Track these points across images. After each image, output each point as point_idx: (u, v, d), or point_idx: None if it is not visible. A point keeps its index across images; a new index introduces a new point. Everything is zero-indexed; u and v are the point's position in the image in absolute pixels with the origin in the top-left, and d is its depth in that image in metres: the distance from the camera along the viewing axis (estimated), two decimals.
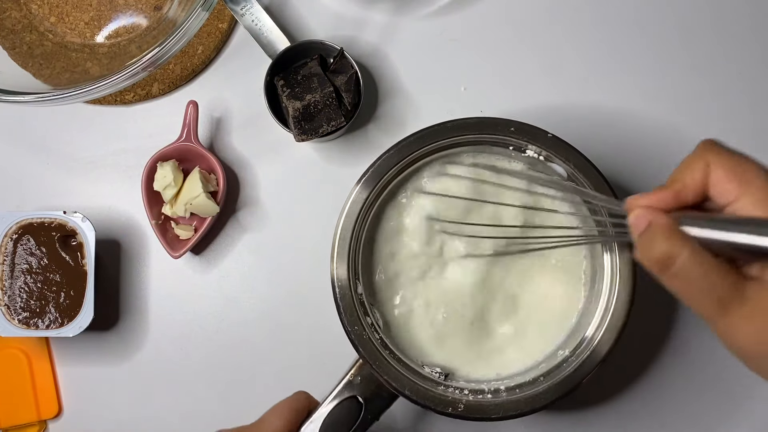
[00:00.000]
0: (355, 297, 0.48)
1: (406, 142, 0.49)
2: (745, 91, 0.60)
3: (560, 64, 0.60)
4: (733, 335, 0.34)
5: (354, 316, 0.48)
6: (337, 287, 0.48)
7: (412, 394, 0.47)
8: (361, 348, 0.48)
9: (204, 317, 0.59)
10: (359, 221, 0.49)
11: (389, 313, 0.51)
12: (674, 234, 0.35)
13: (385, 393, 0.48)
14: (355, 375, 0.48)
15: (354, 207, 0.49)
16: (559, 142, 0.48)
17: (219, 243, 0.59)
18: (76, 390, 0.58)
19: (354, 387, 0.48)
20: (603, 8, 0.61)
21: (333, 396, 0.48)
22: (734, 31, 0.60)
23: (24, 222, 0.55)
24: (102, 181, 0.60)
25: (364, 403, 0.48)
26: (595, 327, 0.47)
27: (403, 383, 0.47)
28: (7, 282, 0.55)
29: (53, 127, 0.61)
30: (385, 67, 0.60)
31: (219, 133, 0.60)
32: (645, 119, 0.59)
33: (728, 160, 0.35)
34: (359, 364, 0.48)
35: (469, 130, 0.49)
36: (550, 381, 0.47)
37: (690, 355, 0.57)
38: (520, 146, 0.49)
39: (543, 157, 0.49)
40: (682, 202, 0.36)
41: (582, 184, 0.48)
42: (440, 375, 0.49)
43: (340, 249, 0.49)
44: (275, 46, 0.57)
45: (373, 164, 0.49)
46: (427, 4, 0.61)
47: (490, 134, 0.49)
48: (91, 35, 0.61)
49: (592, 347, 0.47)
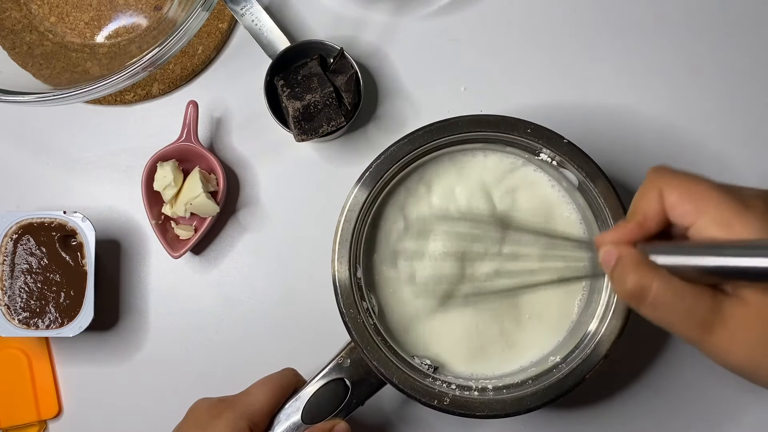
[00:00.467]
0: (353, 280, 0.48)
1: (421, 131, 0.49)
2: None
3: (560, 64, 0.60)
4: (722, 354, 0.34)
5: (350, 299, 0.48)
6: (336, 271, 0.48)
7: (400, 383, 0.47)
8: (354, 331, 0.48)
9: (204, 317, 0.59)
10: (365, 208, 0.49)
11: (385, 301, 0.51)
12: (643, 265, 0.35)
13: (373, 379, 0.48)
14: (345, 357, 0.48)
15: (359, 196, 0.49)
16: (575, 150, 0.48)
17: (219, 243, 0.59)
18: (76, 390, 0.58)
19: (342, 369, 0.48)
20: (603, 8, 0.61)
21: (321, 376, 0.48)
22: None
23: (24, 222, 0.55)
24: (102, 181, 0.60)
25: (351, 386, 0.48)
26: (592, 331, 0.48)
27: (391, 371, 0.47)
28: (7, 282, 0.55)
29: (53, 127, 0.61)
30: (385, 67, 0.60)
31: (219, 133, 0.60)
32: (645, 116, 0.59)
33: (679, 183, 0.35)
34: (350, 347, 0.48)
35: (485, 127, 0.49)
36: (539, 385, 0.47)
37: (688, 353, 0.57)
38: (535, 149, 0.49)
39: (556, 162, 0.49)
40: (647, 232, 0.36)
41: (591, 193, 0.48)
42: (429, 367, 0.49)
43: (344, 230, 0.49)
44: (275, 46, 0.57)
45: (383, 153, 0.49)
46: (427, 4, 0.61)
47: (507, 133, 0.49)
48: (91, 35, 0.61)
49: (586, 353, 0.47)
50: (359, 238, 0.49)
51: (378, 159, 0.49)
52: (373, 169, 0.49)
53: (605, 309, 0.47)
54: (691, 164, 0.59)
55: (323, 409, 0.48)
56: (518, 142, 0.49)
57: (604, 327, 0.47)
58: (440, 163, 0.51)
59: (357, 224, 0.49)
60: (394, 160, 0.49)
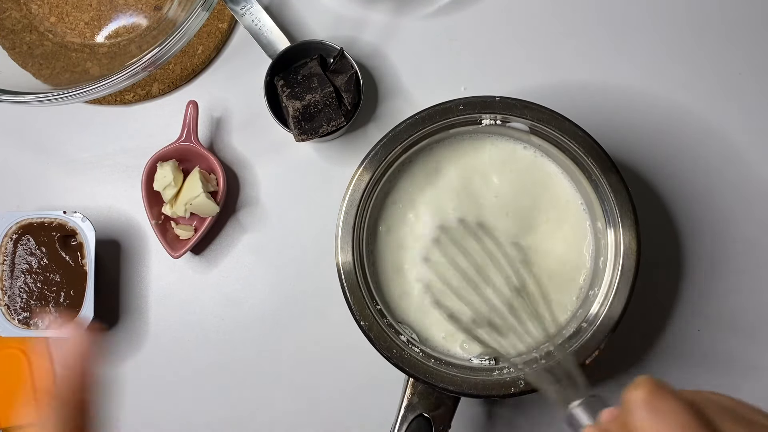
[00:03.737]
0: (381, 323, 0.48)
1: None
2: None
3: (561, 64, 0.60)
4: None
5: (388, 341, 0.48)
6: (365, 326, 0.48)
7: (472, 389, 0.47)
8: (408, 367, 0.47)
9: (204, 317, 0.59)
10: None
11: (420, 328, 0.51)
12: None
13: (447, 400, 0.48)
14: (412, 394, 0.48)
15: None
16: (511, 102, 0.49)
17: (219, 243, 0.59)
18: None
19: (415, 406, 0.48)
20: (604, 9, 0.61)
21: (399, 423, 0.48)
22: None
23: (24, 222, 0.55)
24: (102, 181, 0.60)
25: (432, 417, 0.48)
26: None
27: (459, 384, 0.47)
28: (7, 282, 0.55)
29: (53, 127, 0.61)
30: (385, 67, 0.60)
31: (219, 133, 0.60)
32: (645, 113, 0.60)
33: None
34: (411, 382, 0.48)
35: (423, 124, 0.49)
36: (592, 328, 0.47)
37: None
38: (474, 119, 0.49)
39: (499, 121, 0.49)
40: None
41: (547, 137, 0.49)
42: (490, 361, 0.49)
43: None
44: (275, 46, 0.57)
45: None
46: (427, 4, 0.61)
47: (447, 118, 0.49)
48: (91, 35, 0.61)
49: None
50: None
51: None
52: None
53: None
54: (696, 141, 0.59)
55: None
56: (462, 121, 0.50)
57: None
58: (448, 146, 0.52)
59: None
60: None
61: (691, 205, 0.59)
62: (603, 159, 0.49)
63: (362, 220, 0.50)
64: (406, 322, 0.51)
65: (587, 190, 0.50)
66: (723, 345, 0.57)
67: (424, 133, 0.50)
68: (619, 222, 0.48)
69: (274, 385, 0.58)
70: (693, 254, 0.58)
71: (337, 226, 0.49)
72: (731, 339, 0.57)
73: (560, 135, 0.49)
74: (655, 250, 0.57)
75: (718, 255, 0.58)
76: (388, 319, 0.49)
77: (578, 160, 0.49)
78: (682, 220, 0.58)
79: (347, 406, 0.58)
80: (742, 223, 0.58)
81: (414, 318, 0.51)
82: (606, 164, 0.48)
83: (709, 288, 0.58)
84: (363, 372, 0.57)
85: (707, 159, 0.59)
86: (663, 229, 0.58)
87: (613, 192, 0.48)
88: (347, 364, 0.58)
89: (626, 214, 0.48)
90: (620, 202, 0.48)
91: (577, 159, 0.49)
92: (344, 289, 0.48)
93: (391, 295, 0.51)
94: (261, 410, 0.58)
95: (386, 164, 0.50)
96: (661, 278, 0.58)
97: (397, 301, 0.51)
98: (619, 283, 0.48)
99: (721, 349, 0.57)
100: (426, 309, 0.51)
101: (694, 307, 0.58)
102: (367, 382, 0.57)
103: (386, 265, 0.51)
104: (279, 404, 0.58)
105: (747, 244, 0.58)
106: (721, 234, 0.58)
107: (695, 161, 0.59)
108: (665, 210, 0.59)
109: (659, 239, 0.58)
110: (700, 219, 0.58)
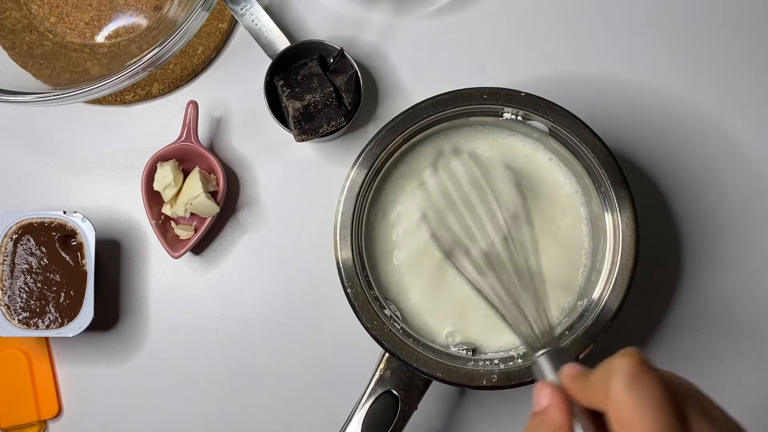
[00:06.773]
0: (368, 294, 0.48)
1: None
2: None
3: (560, 64, 0.60)
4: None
5: (371, 312, 0.48)
6: (350, 294, 0.48)
7: (445, 375, 0.47)
8: (385, 342, 0.48)
9: (204, 317, 0.59)
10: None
11: (404, 303, 0.51)
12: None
13: (417, 381, 0.48)
14: (385, 369, 0.49)
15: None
16: (535, 99, 0.49)
17: (219, 243, 0.59)
18: (76, 390, 0.58)
19: (386, 381, 0.48)
20: (604, 9, 0.61)
21: (367, 394, 0.48)
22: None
23: (24, 222, 0.55)
24: (102, 181, 0.60)
25: (400, 395, 0.48)
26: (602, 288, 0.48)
27: (433, 367, 0.47)
28: (7, 282, 0.55)
29: (53, 127, 0.61)
30: (385, 67, 0.60)
31: (219, 133, 0.60)
32: (646, 110, 0.60)
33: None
34: (386, 358, 0.49)
35: (444, 106, 0.50)
36: (574, 335, 0.47)
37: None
38: (497, 111, 0.49)
39: (521, 116, 0.49)
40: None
41: (564, 139, 0.49)
42: (468, 351, 0.49)
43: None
44: (275, 46, 0.57)
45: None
46: (427, 4, 0.61)
47: (465, 106, 0.49)
48: (91, 35, 0.61)
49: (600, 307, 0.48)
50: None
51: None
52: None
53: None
54: (697, 138, 0.59)
55: (380, 425, 0.48)
56: (481, 110, 0.49)
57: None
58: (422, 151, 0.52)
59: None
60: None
61: (691, 203, 0.59)
62: (615, 171, 0.49)
63: (372, 181, 0.50)
64: (392, 298, 0.51)
65: (594, 197, 0.50)
66: (723, 345, 0.57)
67: (445, 116, 0.50)
68: (616, 206, 0.48)
69: (274, 384, 0.58)
70: (693, 251, 0.58)
71: (347, 177, 0.50)
72: (731, 339, 0.57)
73: (578, 142, 0.49)
74: (656, 250, 0.57)
75: (719, 252, 0.58)
76: (375, 292, 0.49)
77: (591, 170, 0.49)
78: (682, 218, 0.58)
79: (350, 406, 0.58)
80: (742, 219, 0.58)
81: (396, 291, 0.51)
82: (617, 177, 0.48)
83: (710, 286, 0.58)
84: (364, 372, 0.57)
85: (708, 155, 0.59)
86: (663, 225, 0.58)
87: (612, 186, 0.48)
88: (348, 363, 0.58)
89: (624, 201, 0.48)
90: (618, 192, 0.48)
91: (590, 168, 0.49)
92: (335, 239, 0.49)
93: (381, 269, 0.51)
94: (261, 409, 0.58)
95: (398, 143, 0.50)
96: (661, 277, 0.58)
97: (383, 268, 0.51)
98: (618, 270, 0.48)
99: (721, 348, 0.57)
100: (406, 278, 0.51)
101: (694, 307, 0.58)
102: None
103: (380, 240, 0.51)
104: (279, 404, 0.58)
105: (748, 240, 0.58)
106: (722, 230, 0.58)
107: (696, 158, 0.59)
108: (666, 207, 0.59)
109: (659, 237, 0.58)
110: (700, 216, 0.58)
